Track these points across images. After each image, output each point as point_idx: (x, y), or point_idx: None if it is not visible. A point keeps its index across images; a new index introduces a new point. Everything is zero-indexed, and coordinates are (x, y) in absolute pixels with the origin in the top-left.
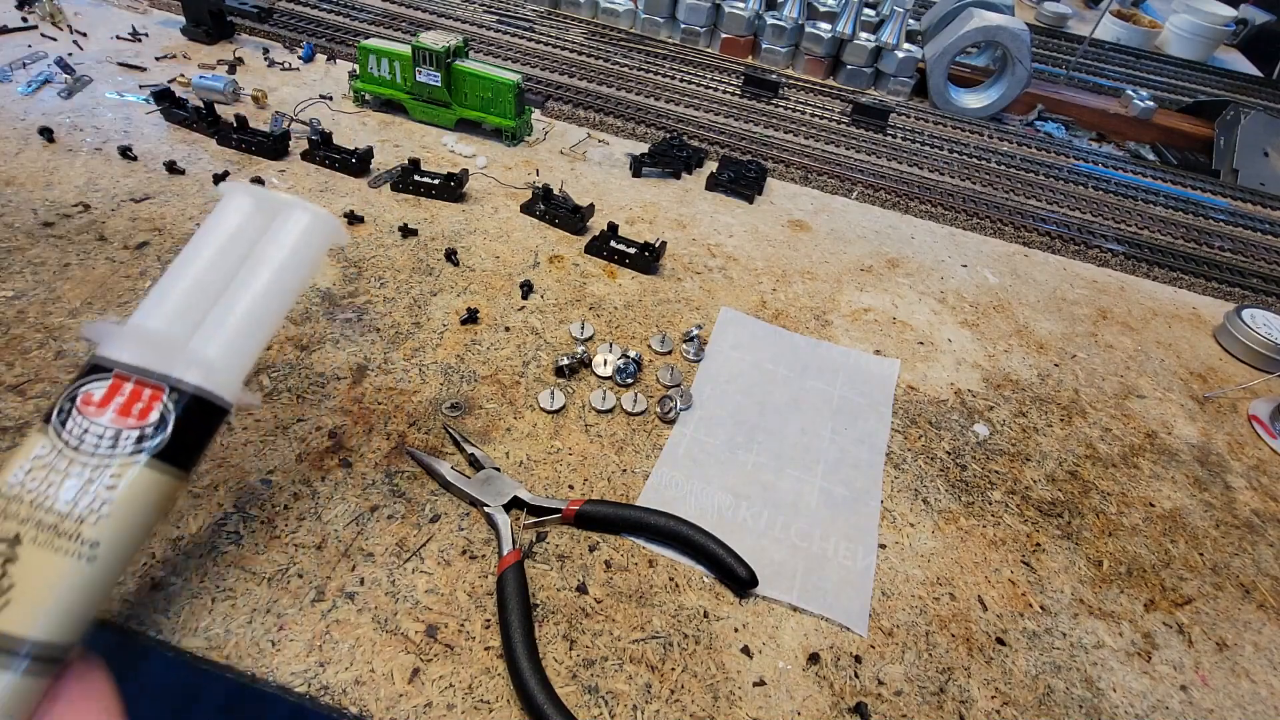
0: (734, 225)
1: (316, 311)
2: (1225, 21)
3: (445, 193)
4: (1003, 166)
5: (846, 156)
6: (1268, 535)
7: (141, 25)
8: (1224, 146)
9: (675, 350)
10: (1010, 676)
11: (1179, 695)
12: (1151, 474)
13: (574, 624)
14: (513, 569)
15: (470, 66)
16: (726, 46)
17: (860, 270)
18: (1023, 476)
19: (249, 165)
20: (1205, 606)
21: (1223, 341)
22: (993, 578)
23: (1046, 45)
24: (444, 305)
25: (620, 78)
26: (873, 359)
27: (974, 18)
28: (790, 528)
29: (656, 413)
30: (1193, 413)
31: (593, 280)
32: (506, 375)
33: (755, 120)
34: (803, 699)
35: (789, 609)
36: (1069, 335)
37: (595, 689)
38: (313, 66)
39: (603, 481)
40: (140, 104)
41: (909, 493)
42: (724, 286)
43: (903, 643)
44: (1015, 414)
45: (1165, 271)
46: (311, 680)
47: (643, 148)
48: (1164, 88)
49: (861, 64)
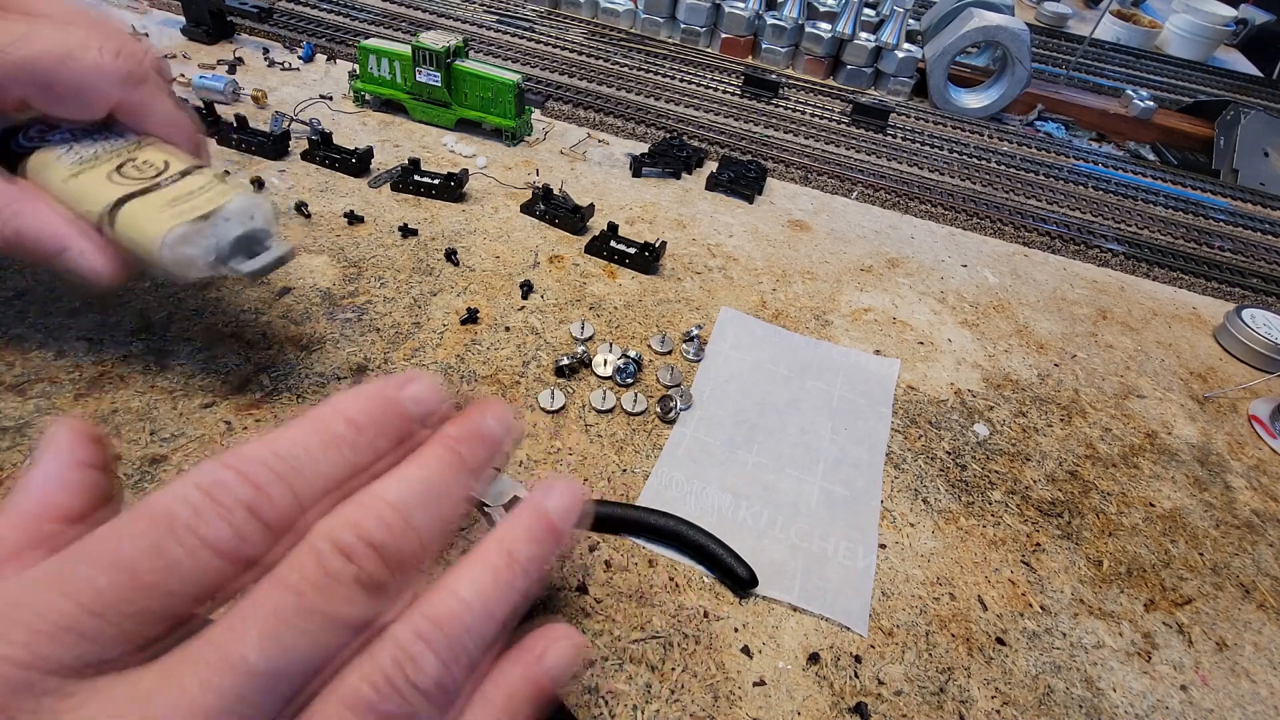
0: (734, 225)
1: (316, 311)
2: (1225, 21)
3: (445, 193)
4: (1003, 166)
5: (846, 156)
6: (1268, 535)
7: (141, 25)
8: (1224, 146)
9: (675, 350)
10: (1010, 676)
11: (1179, 695)
12: (1151, 474)
13: (574, 624)
14: None
15: (470, 66)
16: (726, 46)
17: (860, 270)
18: (1023, 476)
19: (249, 165)
20: (1205, 606)
21: (1223, 341)
22: (993, 578)
23: (1046, 45)
24: (444, 305)
25: (620, 78)
26: (873, 359)
27: (974, 18)
28: (790, 528)
29: (656, 413)
30: (1193, 413)
31: (593, 280)
32: (506, 375)
33: (755, 120)
34: (803, 699)
35: (789, 609)
36: (1069, 335)
37: (595, 689)
38: (313, 66)
39: (603, 481)
40: None
41: (909, 493)
42: (724, 286)
43: (903, 643)
44: (1015, 414)
45: (1165, 271)
46: None
47: (643, 148)
48: (1164, 88)
49: (861, 64)
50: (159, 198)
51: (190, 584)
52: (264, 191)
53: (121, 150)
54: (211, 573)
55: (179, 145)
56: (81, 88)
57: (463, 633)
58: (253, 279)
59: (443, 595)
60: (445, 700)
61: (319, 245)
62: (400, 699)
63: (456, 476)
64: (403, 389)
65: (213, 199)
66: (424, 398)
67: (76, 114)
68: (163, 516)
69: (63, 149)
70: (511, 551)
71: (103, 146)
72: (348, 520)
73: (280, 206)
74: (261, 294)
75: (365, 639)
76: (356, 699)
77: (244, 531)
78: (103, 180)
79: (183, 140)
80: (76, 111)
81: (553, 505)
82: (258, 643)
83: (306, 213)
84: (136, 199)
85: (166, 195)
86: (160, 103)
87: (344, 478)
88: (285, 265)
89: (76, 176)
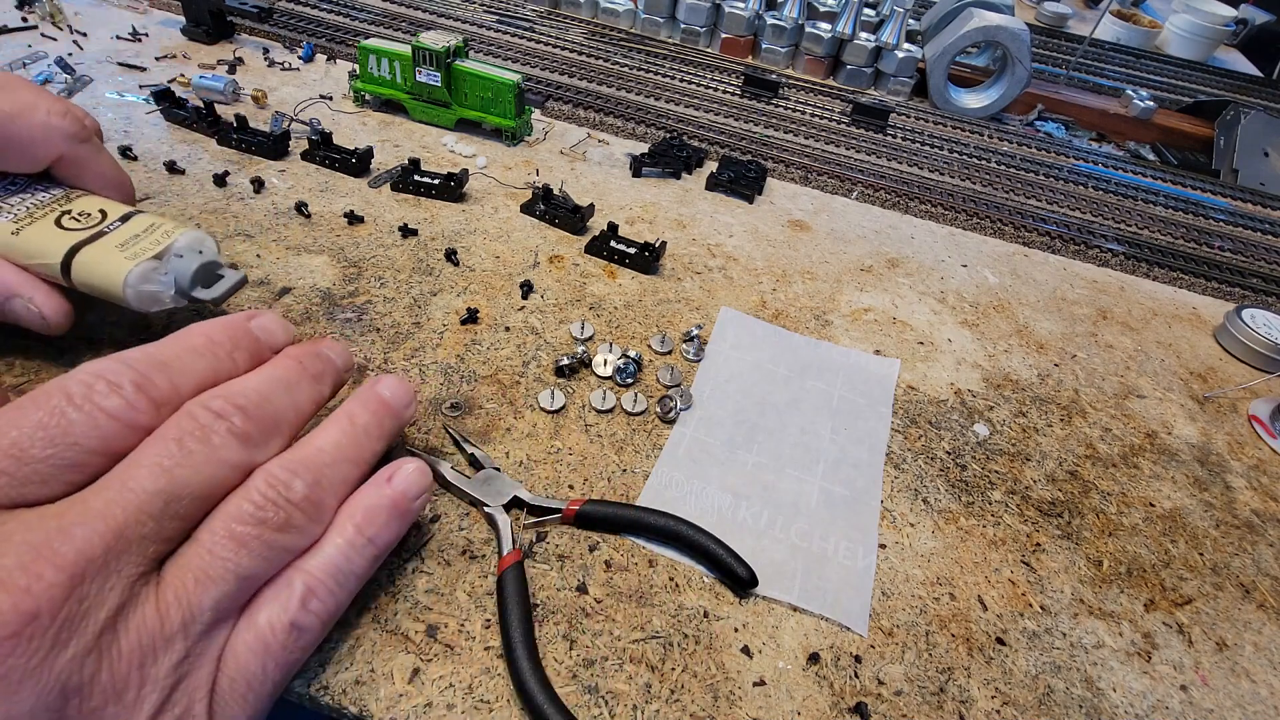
0: (734, 225)
1: (317, 311)
2: (1225, 21)
3: (445, 193)
4: (1003, 166)
5: (846, 156)
6: (1268, 535)
7: (141, 25)
8: (1224, 146)
9: (675, 350)
10: (1010, 676)
11: (1179, 695)
12: (1151, 474)
13: (574, 624)
14: (513, 569)
15: (470, 66)
16: (726, 46)
17: (860, 270)
18: (1023, 476)
19: (249, 165)
20: (1205, 606)
21: (1223, 341)
22: (993, 578)
23: (1046, 45)
24: (444, 305)
25: (620, 78)
26: (873, 359)
27: (974, 18)
28: (790, 528)
29: (656, 413)
30: (1193, 413)
31: (593, 280)
32: (506, 375)
33: (755, 120)
34: (803, 699)
35: (789, 609)
36: (1069, 335)
37: (595, 689)
38: (313, 66)
39: (603, 481)
40: (140, 104)
41: (909, 492)
42: (724, 286)
43: (903, 643)
44: (1015, 414)
45: (1165, 271)
46: (311, 680)
47: (643, 148)
48: (1164, 88)
49: (861, 64)
50: (109, 241)
51: (92, 439)
52: (265, 191)
53: (53, 203)
54: (109, 432)
55: (115, 197)
56: (30, 143)
57: (323, 466)
58: (215, 305)
59: (302, 445)
60: (315, 511)
61: (319, 245)
62: (275, 509)
63: (299, 375)
64: (251, 319)
65: (160, 239)
66: (269, 327)
67: (20, 167)
68: (60, 392)
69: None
70: (351, 415)
71: (33, 201)
72: (216, 393)
73: (280, 207)
74: (261, 294)
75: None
76: (240, 512)
77: (133, 401)
78: (51, 230)
79: (118, 194)
80: (20, 165)
81: (382, 388)
82: (149, 472)
83: (306, 213)
84: (88, 245)
85: (115, 239)
86: (102, 156)
87: (210, 378)
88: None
89: (20, 231)
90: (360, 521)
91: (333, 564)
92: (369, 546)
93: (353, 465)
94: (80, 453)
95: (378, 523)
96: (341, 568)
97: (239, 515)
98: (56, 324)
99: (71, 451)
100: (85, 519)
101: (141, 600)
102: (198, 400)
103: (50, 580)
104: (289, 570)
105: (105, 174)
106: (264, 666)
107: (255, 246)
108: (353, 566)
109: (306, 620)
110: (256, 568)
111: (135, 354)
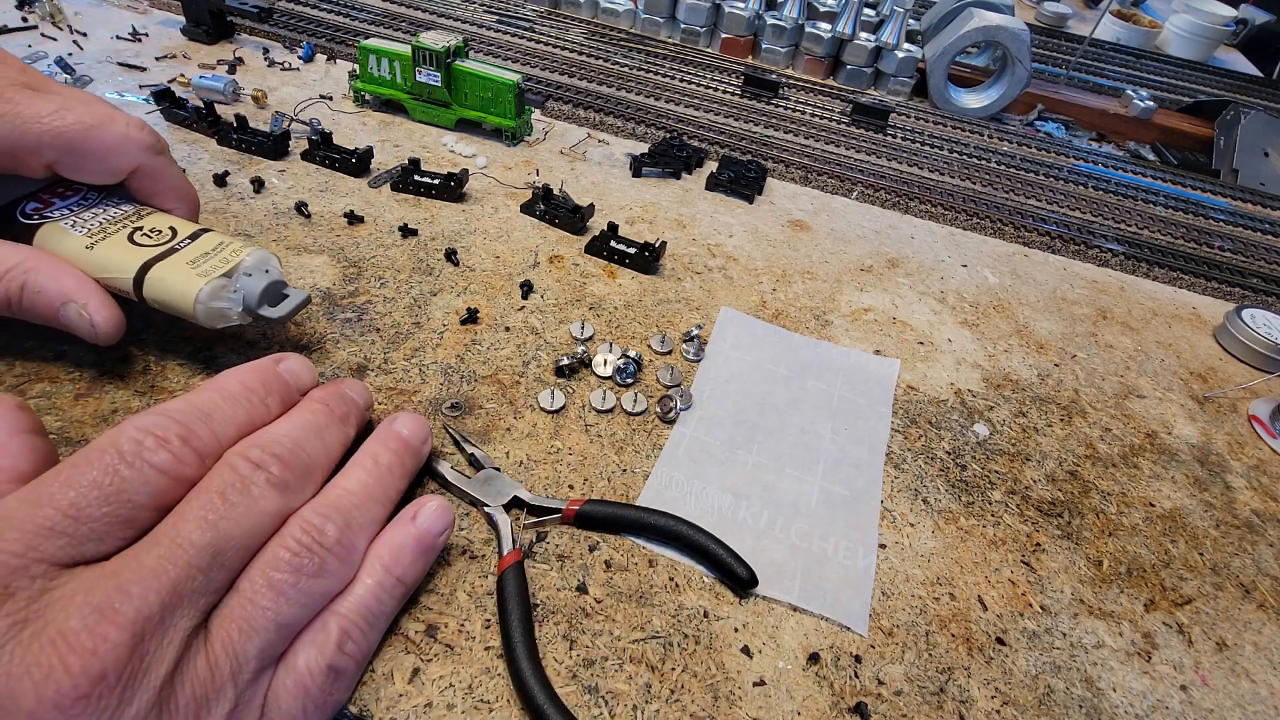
0: (734, 225)
1: (316, 311)
2: (1225, 21)
3: (445, 193)
4: (1003, 166)
5: (846, 156)
6: (1268, 535)
7: (141, 25)
8: (1224, 146)
9: (675, 350)
10: (1010, 676)
11: (1179, 695)
12: (1151, 474)
13: (574, 624)
14: (513, 569)
15: (470, 66)
16: (726, 46)
17: (860, 270)
18: (1023, 476)
19: (249, 165)
20: (1205, 606)
21: (1223, 341)
22: (993, 578)
23: (1046, 45)
24: (444, 305)
25: (620, 78)
26: (873, 359)
27: (974, 18)
28: (790, 528)
29: (656, 413)
30: (1193, 413)
31: (593, 280)
32: (506, 375)
33: (755, 120)
34: (803, 699)
35: (789, 609)
36: (1069, 335)
37: (595, 689)
38: (313, 66)
39: (603, 481)
40: (140, 104)
41: (909, 492)
42: (724, 286)
43: (903, 643)
44: (1015, 414)
45: (1165, 271)
46: None
47: (643, 148)
48: (1164, 88)
49: (861, 64)
50: (180, 259)
51: (143, 495)
52: (266, 191)
53: (124, 219)
54: (159, 486)
55: (183, 212)
56: (109, 154)
57: (352, 509)
58: (280, 324)
59: (332, 489)
60: (346, 554)
61: (319, 245)
62: (310, 554)
63: (328, 419)
64: (278, 364)
65: (229, 256)
66: (296, 370)
67: (98, 178)
68: (113, 449)
69: (66, 223)
70: (375, 456)
71: (105, 217)
72: (253, 443)
73: (280, 207)
74: None
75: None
76: (277, 560)
77: (180, 455)
78: (124, 246)
79: (186, 207)
80: (99, 176)
81: (399, 426)
82: (196, 526)
83: (306, 213)
84: (160, 262)
85: (186, 256)
86: (174, 169)
87: (247, 424)
88: (306, 309)
89: (94, 246)
90: (388, 561)
91: (365, 606)
92: (398, 586)
93: (379, 505)
94: (133, 509)
95: (404, 561)
96: (373, 609)
97: (277, 563)
98: (105, 334)
99: (126, 509)
100: (141, 577)
101: (194, 653)
102: (237, 450)
103: (114, 640)
104: (324, 613)
105: (177, 186)
106: (304, 709)
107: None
108: (383, 607)
109: (342, 662)
110: (295, 614)
111: (178, 406)
